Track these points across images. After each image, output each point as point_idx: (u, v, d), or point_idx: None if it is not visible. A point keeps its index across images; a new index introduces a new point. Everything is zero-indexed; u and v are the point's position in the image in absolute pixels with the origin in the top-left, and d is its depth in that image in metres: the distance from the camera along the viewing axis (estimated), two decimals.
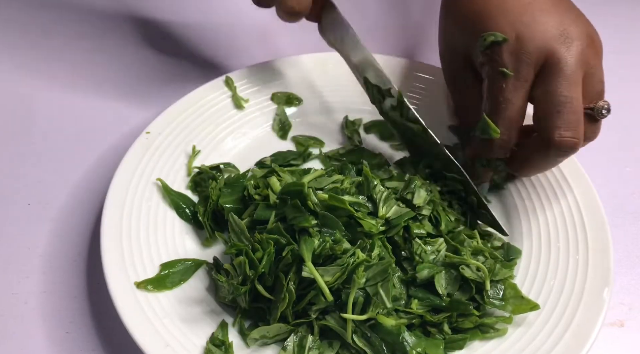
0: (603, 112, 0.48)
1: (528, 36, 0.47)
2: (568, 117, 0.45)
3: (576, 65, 0.46)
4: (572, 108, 0.46)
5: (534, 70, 0.47)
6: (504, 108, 0.48)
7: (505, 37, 0.48)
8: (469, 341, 0.46)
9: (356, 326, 0.44)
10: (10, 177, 0.60)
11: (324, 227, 0.45)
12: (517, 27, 0.48)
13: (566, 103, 0.46)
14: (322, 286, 0.43)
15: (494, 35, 0.48)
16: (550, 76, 0.46)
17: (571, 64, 0.46)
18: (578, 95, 0.46)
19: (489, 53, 0.49)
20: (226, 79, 0.63)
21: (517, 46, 0.47)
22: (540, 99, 0.47)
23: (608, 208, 0.53)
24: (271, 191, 0.50)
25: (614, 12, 0.80)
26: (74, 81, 0.70)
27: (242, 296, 0.45)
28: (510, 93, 0.48)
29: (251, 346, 0.45)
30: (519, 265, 0.50)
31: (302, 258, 0.43)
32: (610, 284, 0.47)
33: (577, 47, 0.47)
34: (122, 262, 0.48)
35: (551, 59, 0.46)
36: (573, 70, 0.46)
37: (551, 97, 0.46)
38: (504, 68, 0.48)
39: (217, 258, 0.50)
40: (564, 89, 0.46)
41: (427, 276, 0.46)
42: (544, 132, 0.47)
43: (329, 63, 0.65)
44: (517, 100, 0.48)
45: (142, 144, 0.56)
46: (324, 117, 0.63)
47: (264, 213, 0.48)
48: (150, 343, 0.43)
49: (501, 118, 0.48)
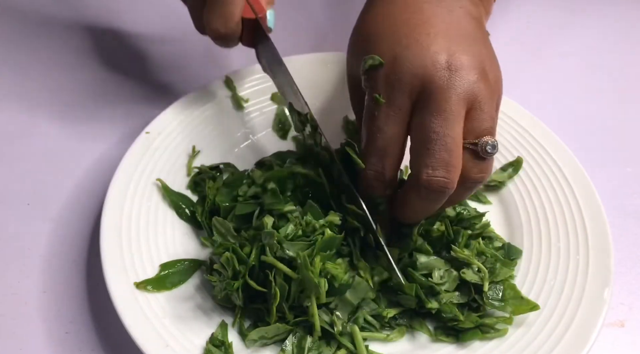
0: (487, 148, 0.42)
1: (404, 61, 0.42)
2: (439, 155, 0.41)
3: (457, 97, 0.41)
4: (444, 146, 0.41)
5: (409, 98, 0.42)
6: (376, 137, 0.43)
7: (382, 60, 0.43)
8: (469, 341, 0.46)
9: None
10: (10, 176, 0.60)
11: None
12: (396, 50, 0.43)
13: (437, 140, 0.41)
14: (281, 267, 0.43)
15: (372, 59, 0.44)
16: (424, 108, 0.42)
17: (448, 97, 0.41)
18: (454, 132, 0.41)
19: (366, 78, 0.45)
20: (226, 79, 0.63)
21: (391, 70, 0.43)
22: (413, 133, 0.43)
23: (608, 208, 0.53)
24: (254, 185, 0.51)
25: (614, 12, 0.80)
26: (74, 81, 0.69)
27: (235, 293, 0.45)
28: (382, 122, 0.43)
29: (250, 347, 0.45)
30: (519, 265, 0.50)
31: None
32: (610, 284, 0.47)
33: (462, 78, 0.41)
34: (122, 262, 0.48)
35: (428, 88, 0.41)
36: (451, 103, 0.41)
37: (422, 131, 0.41)
38: (377, 95, 0.43)
39: (212, 259, 0.50)
40: (437, 125, 0.41)
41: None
42: (413, 169, 0.42)
43: (329, 64, 0.65)
44: (388, 129, 0.43)
45: (142, 144, 0.56)
46: (324, 117, 0.63)
47: (244, 208, 0.49)
48: (150, 343, 0.43)
49: (372, 148, 0.44)
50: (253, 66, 0.64)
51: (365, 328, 0.46)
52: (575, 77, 0.72)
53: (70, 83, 0.69)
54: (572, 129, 0.64)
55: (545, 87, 0.71)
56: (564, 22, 0.79)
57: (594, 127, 0.66)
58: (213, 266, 0.47)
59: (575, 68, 0.73)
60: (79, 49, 0.73)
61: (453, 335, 0.46)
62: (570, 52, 0.75)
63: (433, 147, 0.41)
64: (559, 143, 0.57)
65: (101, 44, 0.74)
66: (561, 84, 0.71)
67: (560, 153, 0.56)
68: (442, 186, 0.41)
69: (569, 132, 0.61)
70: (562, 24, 0.79)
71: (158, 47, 0.73)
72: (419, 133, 0.42)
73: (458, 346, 0.46)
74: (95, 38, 0.74)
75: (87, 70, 0.71)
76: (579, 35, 0.77)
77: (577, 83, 0.72)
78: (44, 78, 0.70)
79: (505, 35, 0.76)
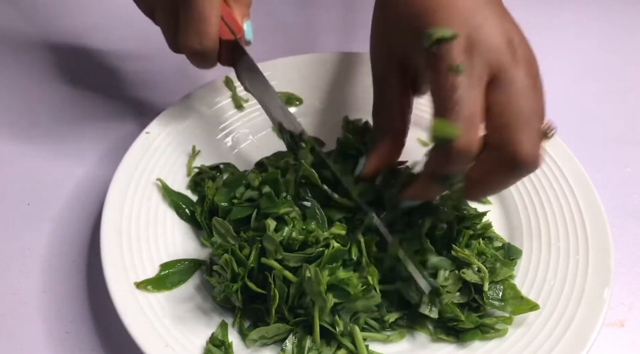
0: (552, 132, 0.44)
1: (481, 37, 0.43)
2: (531, 133, 0.41)
3: (534, 73, 0.43)
4: (532, 124, 0.42)
5: (489, 69, 0.43)
6: (461, 106, 0.42)
7: (456, 32, 0.43)
8: (469, 341, 0.46)
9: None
10: (10, 176, 0.60)
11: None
12: (469, 26, 0.43)
13: (526, 117, 0.41)
14: (280, 270, 0.43)
15: (441, 30, 0.43)
16: (508, 83, 0.42)
17: (529, 74, 0.42)
18: (540, 107, 0.42)
19: (436, 49, 0.43)
20: (226, 79, 0.63)
21: (470, 43, 0.43)
22: (497, 108, 0.42)
23: (608, 208, 0.53)
24: (250, 188, 0.51)
25: (614, 12, 0.80)
26: (75, 81, 0.70)
27: (234, 295, 0.45)
28: (465, 91, 0.42)
29: (250, 347, 0.45)
30: (519, 265, 0.50)
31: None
32: (610, 284, 0.47)
33: (528, 56, 0.43)
34: (122, 262, 0.48)
35: (506, 64, 0.42)
36: (533, 79, 0.43)
37: (510, 107, 0.42)
38: (456, 63, 0.42)
39: (212, 259, 0.50)
40: (524, 101, 0.42)
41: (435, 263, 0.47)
42: (507, 146, 0.42)
43: (329, 64, 0.65)
44: (473, 96, 0.42)
45: (142, 144, 0.56)
46: (324, 117, 0.63)
47: (240, 212, 0.49)
48: (150, 343, 0.43)
49: (458, 118, 0.42)
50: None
51: (366, 329, 0.46)
52: (575, 77, 0.73)
53: (70, 85, 0.69)
54: (572, 129, 0.64)
55: (546, 87, 0.71)
56: (564, 22, 0.80)
57: (594, 127, 0.66)
58: (213, 267, 0.47)
59: (575, 68, 0.74)
60: (81, 49, 0.73)
61: (453, 335, 0.46)
62: (570, 52, 0.75)
63: (523, 123, 0.41)
64: (559, 143, 0.57)
65: (101, 43, 0.74)
66: (561, 84, 0.71)
67: (560, 153, 0.56)
68: (535, 163, 0.42)
69: (569, 132, 0.61)
70: (562, 24, 0.79)
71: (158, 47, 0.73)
72: (505, 108, 0.42)
73: (458, 346, 0.46)
74: (94, 40, 0.75)
75: (88, 70, 0.71)
76: (579, 35, 0.77)
77: (576, 83, 0.72)
78: (44, 78, 0.70)
79: None
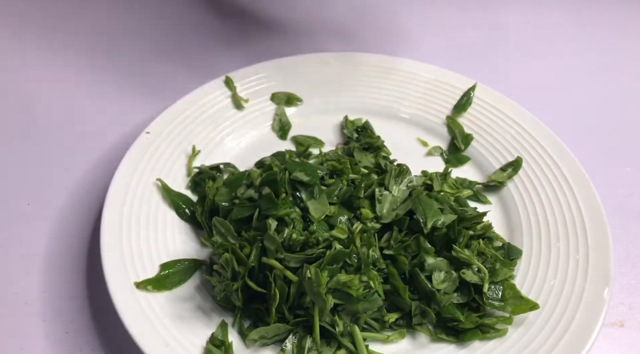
0: None
1: None
2: None
3: None
4: None
5: None
6: None
7: None
8: (469, 341, 0.46)
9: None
10: (10, 176, 0.60)
11: None
12: None
13: None
14: (281, 269, 0.43)
15: None
16: None
17: None
18: None
19: None
20: (226, 79, 0.63)
21: None
22: None
23: (608, 208, 0.53)
24: (252, 190, 0.50)
25: (614, 12, 0.80)
26: (75, 81, 0.70)
27: (234, 294, 0.45)
28: None
29: (250, 347, 0.45)
30: (519, 265, 0.50)
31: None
32: (610, 284, 0.47)
33: None
34: (122, 262, 0.48)
35: None
36: None
37: None
38: None
39: (212, 259, 0.50)
40: None
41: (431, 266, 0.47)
42: None
43: (329, 63, 0.65)
44: None
45: (142, 144, 0.56)
46: (324, 117, 0.63)
47: (241, 212, 0.49)
48: (150, 343, 0.43)
49: None
50: (253, 66, 0.64)
51: (366, 329, 0.46)
52: (575, 77, 0.73)
53: (71, 84, 0.69)
54: (572, 129, 0.64)
55: (545, 87, 0.71)
56: (564, 22, 0.80)
57: (594, 127, 0.66)
58: (213, 266, 0.47)
59: (575, 68, 0.74)
60: (80, 50, 0.73)
61: (453, 335, 0.46)
62: (570, 52, 0.75)
63: None
64: (559, 143, 0.57)
65: (100, 44, 0.74)
66: (561, 84, 0.71)
67: (560, 153, 0.56)
68: None
69: (569, 132, 0.61)
70: (562, 24, 0.79)
71: (158, 47, 0.73)
72: None
73: (458, 346, 0.46)
74: (94, 40, 0.75)
75: (88, 71, 0.71)
76: (579, 35, 0.77)
77: (577, 83, 0.72)
78: (43, 79, 0.70)
79: (506, 36, 0.76)
